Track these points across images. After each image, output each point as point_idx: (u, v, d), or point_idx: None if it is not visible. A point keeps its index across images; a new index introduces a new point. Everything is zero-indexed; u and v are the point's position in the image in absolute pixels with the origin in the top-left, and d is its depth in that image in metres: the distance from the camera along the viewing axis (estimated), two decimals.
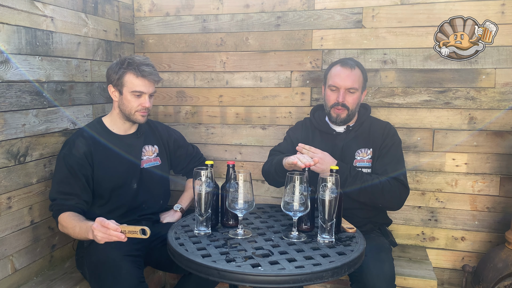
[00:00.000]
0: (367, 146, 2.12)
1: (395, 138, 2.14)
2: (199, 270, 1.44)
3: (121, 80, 1.97)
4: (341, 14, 2.50)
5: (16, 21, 1.90)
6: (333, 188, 1.53)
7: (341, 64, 2.09)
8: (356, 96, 2.07)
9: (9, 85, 1.87)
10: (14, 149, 1.92)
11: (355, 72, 2.06)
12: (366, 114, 2.21)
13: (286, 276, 1.36)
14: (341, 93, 2.05)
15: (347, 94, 2.05)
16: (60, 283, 2.02)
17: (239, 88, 2.74)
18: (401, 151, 2.15)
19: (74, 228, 1.80)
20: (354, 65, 2.08)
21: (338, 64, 2.10)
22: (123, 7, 2.72)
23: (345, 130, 2.16)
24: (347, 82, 2.04)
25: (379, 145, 2.11)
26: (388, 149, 2.09)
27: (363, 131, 2.16)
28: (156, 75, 2.02)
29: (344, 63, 2.09)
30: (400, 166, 2.07)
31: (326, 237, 1.60)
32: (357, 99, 2.09)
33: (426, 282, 2.07)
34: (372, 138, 2.13)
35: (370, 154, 2.11)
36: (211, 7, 2.71)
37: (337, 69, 2.08)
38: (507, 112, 2.33)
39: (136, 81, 1.97)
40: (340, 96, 2.05)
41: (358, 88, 2.07)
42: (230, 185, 1.62)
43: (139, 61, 1.98)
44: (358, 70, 2.08)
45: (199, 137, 2.84)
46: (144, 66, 1.97)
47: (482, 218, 2.43)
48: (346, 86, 2.04)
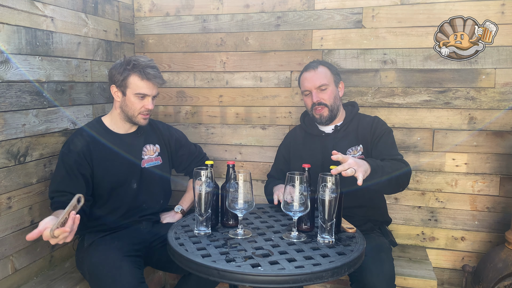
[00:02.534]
0: (356, 143, 2.14)
1: (384, 127, 2.14)
2: (199, 270, 1.44)
3: (125, 81, 1.96)
4: (341, 14, 2.50)
5: (16, 21, 1.90)
6: (333, 188, 1.53)
7: (305, 69, 2.19)
8: (329, 91, 2.12)
9: (9, 85, 1.87)
10: (14, 149, 1.92)
11: (319, 70, 2.14)
12: (353, 111, 2.22)
13: (286, 276, 1.36)
14: (314, 93, 2.12)
15: (319, 93, 2.12)
16: (60, 283, 2.02)
17: (239, 88, 2.74)
18: (393, 138, 2.13)
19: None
20: (316, 65, 2.16)
21: (303, 71, 2.20)
22: (123, 7, 2.72)
23: (333, 130, 2.18)
24: (315, 82, 2.11)
25: (369, 138, 2.12)
26: (380, 138, 2.09)
27: (351, 129, 2.18)
28: (161, 78, 2.02)
29: (307, 68, 2.18)
30: (394, 151, 2.05)
31: (326, 237, 1.60)
32: (332, 93, 2.13)
33: (426, 282, 2.07)
34: (361, 134, 2.14)
35: (360, 150, 2.12)
36: (211, 7, 2.71)
37: (303, 75, 2.18)
38: (507, 112, 2.33)
39: (140, 83, 1.96)
40: (314, 96, 2.11)
41: (327, 83, 2.12)
42: (230, 185, 1.62)
43: (144, 63, 1.97)
44: (322, 67, 2.15)
45: (199, 137, 2.84)
46: (149, 69, 1.96)
47: (482, 218, 2.43)
48: (315, 85, 2.11)
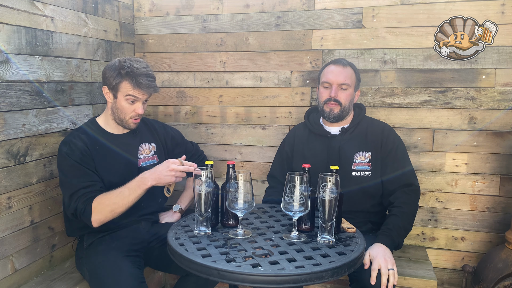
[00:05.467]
0: (365, 149, 2.12)
1: (396, 139, 2.16)
2: (199, 270, 1.43)
3: (117, 86, 1.93)
4: (341, 14, 2.50)
5: (16, 21, 1.90)
6: (333, 188, 1.53)
7: (334, 62, 2.17)
8: (348, 93, 2.11)
9: (9, 85, 1.87)
10: (14, 149, 1.92)
11: (347, 69, 2.13)
12: (361, 114, 2.21)
13: (286, 276, 1.36)
14: (334, 88, 2.10)
15: (339, 90, 2.10)
16: (60, 283, 2.02)
17: (239, 88, 2.74)
18: (403, 149, 2.16)
19: (121, 193, 1.81)
20: (346, 64, 2.15)
21: (331, 63, 2.18)
22: (123, 7, 2.72)
23: (340, 131, 2.17)
24: (340, 77, 2.09)
25: (379, 148, 2.12)
26: (390, 152, 2.11)
27: (359, 133, 2.16)
28: (153, 88, 1.95)
29: (336, 62, 2.16)
30: (407, 164, 2.13)
31: (326, 237, 1.60)
32: (349, 96, 2.12)
33: (426, 282, 2.07)
34: (371, 141, 2.13)
35: (368, 157, 2.11)
36: (211, 7, 2.71)
37: (331, 67, 2.15)
38: (507, 112, 2.33)
39: (131, 91, 1.92)
40: (333, 91, 2.09)
41: (350, 84, 2.11)
42: (230, 185, 1.62)
43: (138, 70, 1.90)
44: (350, 68, 2.15)
45: (199, 137, 2.84)
46: (143, 77, 1.91)
47: (482, 218, 2.43)
48: (339, 81, 2.09)
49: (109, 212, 1.82)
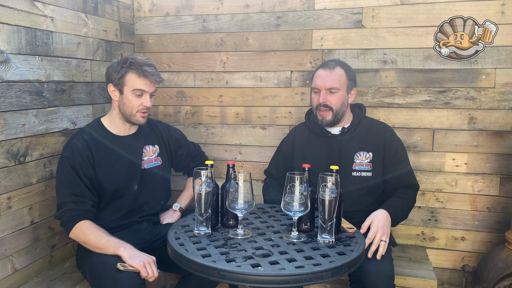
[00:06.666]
0: (366, 150, 2.12)
1: (398, 141, 2.18)
2: (199, 270, 1.44)
3: (122, 79, 1.96)
4: (341, 14, 2.50)
5: (16, 21, 1.90)
6: (333, 188, 1.53)
7: (322, 66, 2.14)
8: (338, 96, 2.08)
9: (9, 85, 1.87)
10: (14, 149, 1.92)
11: (335, 72, 2.08)
12: (361, 114, 2.21)
13: (286, 276, 1.36)
14: (322, 93, 2.08)
15: (328, 95, 2.08)
16: (60, 283, 2.02)
17: (239, 88, 2.74)
18: (404, 150, 2.19)
19: (100, 238, 1.78)
20: (334, 65, 2.10)
21: (320, 67, 2.15)
22: (123, 7, 2.72)
23: (340, 131, 2.17)
24: (327, 82, 2.07)
25: (382, 150, 2.12)
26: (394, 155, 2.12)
27: (360, 133, 2.16)
28: (158, 76, 2.01)
29: (324, 65, 2.13)
30: (408, 165, 2.17)
31: (326, 237, 1.60)
32: (340, 99, 2.09)
33: (426, 282, 2.07)
34: (372, 141, 2.13)
35: (369, 158, 2.11)
36: (211, 7, 2.71)
37: (319, 71, 2.13)
38: (507, 112, 2.33)
39: (138, 80, 1.95)
40: (321, 96, 2.08)
41: (339, 87, 2.07)
42: (230, 185, 1.62)
43: (141, 61, 1.97)
44: (339, 69, 2.10)
45: (199, 137, 2.84)
46: (146, 66, 1.96)
47: (482, 218, 2.43)
48: (326, 86, 2.07)
49: (82, 242, 1.85)
